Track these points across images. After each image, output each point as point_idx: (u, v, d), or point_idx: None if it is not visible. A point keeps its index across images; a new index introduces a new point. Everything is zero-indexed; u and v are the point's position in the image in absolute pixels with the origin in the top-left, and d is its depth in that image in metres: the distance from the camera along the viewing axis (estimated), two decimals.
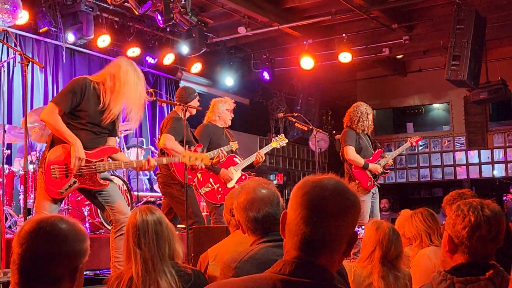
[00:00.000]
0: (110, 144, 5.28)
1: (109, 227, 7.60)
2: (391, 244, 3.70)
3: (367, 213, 7.72)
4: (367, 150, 8.02)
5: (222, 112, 7.35)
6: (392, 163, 8.35)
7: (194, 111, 6.72)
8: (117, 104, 5.08)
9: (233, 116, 7.45)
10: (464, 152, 14.92)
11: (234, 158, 7.31)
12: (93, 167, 5.02)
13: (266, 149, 7.62)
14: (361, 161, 7.86)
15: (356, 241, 1.88)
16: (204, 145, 6.98)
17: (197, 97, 6.92)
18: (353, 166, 7.91)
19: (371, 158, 7.99)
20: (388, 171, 8.33)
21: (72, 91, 4.97)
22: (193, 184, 6.88)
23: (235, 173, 7.23)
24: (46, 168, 4.93)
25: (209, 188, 6.98)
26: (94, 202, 5.35)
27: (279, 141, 7.72)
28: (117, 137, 5.57)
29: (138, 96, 5.15)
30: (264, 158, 7.56)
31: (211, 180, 7.04)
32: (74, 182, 4.98)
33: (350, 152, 7.87)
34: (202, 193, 6.97)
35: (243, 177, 7.33)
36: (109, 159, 5.21)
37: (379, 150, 8.22)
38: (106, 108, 5.05)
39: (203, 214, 7.38)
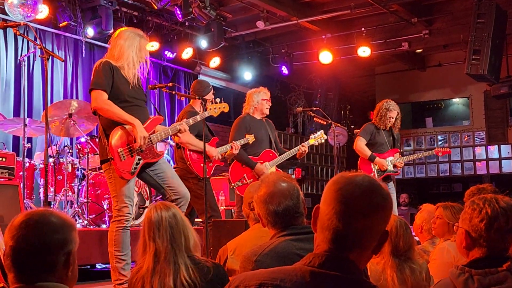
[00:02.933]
0: (155, 116, 5.41)
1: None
2: (399, 237, 3.67)
3: None
4: (382, 146, 8.03)
5: (258, 102, 7.28)
6: (402, 164, 8.19)
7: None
8: (131, 64, 5.17)
9: (270, 105, 7.35)
10: (484, 147, 14.80)
11: (270, 154, 7.23)
12: (149, 140, 5.13)
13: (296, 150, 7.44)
14: (367, 152, 7.94)
15: (386, 239, 1.89)
16: (238, 138, 6.91)
17: (212, 90, 6.91)
18: (360, 157, 8.03)
19: (383, 154, 7.98)
20: (398, 171, 8.21)
21: (103, 72, 5.04)
22: (227, 177, 6.91)
23: (270, 168, 7.12)
24: (113, 153, 5.00)
25: (242, 183, 6.93)
26: (150, 183, 5.41)
27: (318, 138, 7.62)
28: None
29: (136, 48, 5.22)
30: (307, 151, 7.44)
31: (244, 175, 6.99)
32: (139, 159, 5.10)
33: (358, 143, 8.04)
34: (234, 187, 6.93)
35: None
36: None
37: (395, 149, 8.17)
38: (132, 81, 5.16)
39: (222, 208, 7.37)
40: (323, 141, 7.72)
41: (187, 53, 11.43)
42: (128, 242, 5.01)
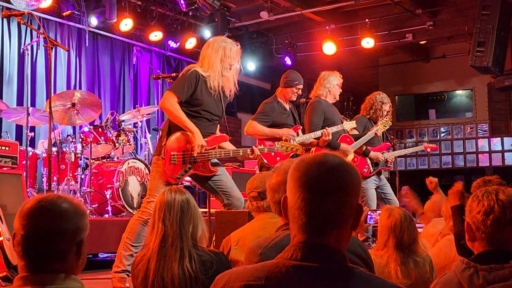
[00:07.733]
0: (221, 133, 5.36)
1: (131, 210, 7.68)
2: (404, 231, 3.67)
3: (371, 200, 7.44)
4: (374, 139, 7.89)
5: (333, 86, 7.08)
6: (393, 160, 8.09)
7: (293, 97, 6.64)
8: (217, 74, 5.15)
9: (341, 91, 7.11)
10: (487, 139, 14.79)
11: (347, 139, 7.06)
12: (206, 154, 5.08)
13: (372, 133, 7.38)
14: (362, 146, 7.71)
15: (362, 213, 1.83)
16: (318, 122, 6.72)
17: (299, 85, 6.68)
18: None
19: (375, 148, 7.88)
20: (391, 166, 8.12)
21: (187, 80, 5.03)
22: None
23: (348, 154, 6.95)
24: (166, 154, 5.00)
25: None
26: (205, 187, 5.34)
27: (385, 124, 7.48)
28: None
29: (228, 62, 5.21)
30: (380, 135, 7.39)
31: None
32: (189, 169, 5.07)
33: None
34: None
35: (356, 159, 7.16)
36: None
37: (387, 143, 8.10)
38: (217, 91, 5.14)
39: None
40: (388, 127, 7.57)
41: (190, 43, 11.40)
42: (143, 236, 4.96)
